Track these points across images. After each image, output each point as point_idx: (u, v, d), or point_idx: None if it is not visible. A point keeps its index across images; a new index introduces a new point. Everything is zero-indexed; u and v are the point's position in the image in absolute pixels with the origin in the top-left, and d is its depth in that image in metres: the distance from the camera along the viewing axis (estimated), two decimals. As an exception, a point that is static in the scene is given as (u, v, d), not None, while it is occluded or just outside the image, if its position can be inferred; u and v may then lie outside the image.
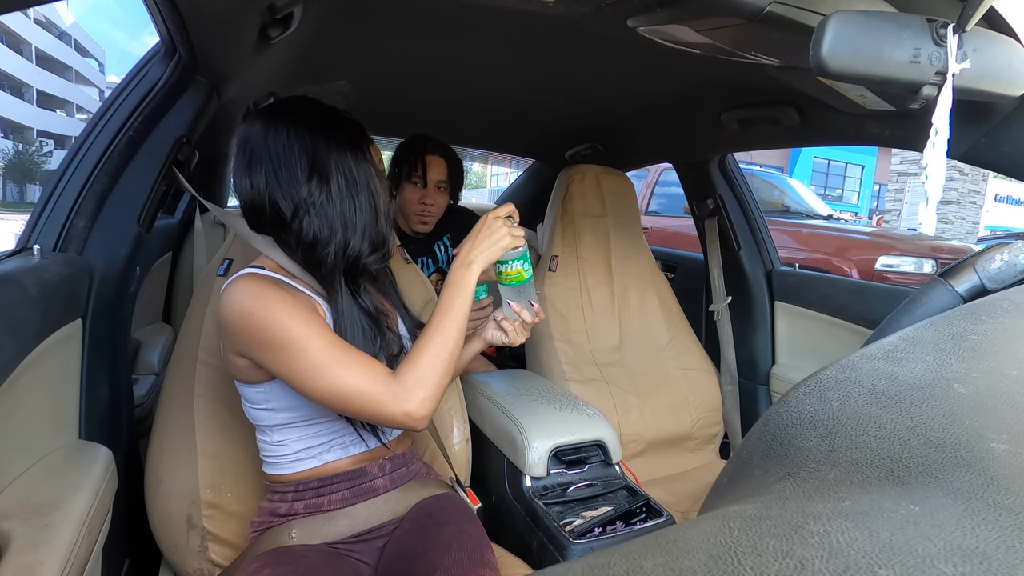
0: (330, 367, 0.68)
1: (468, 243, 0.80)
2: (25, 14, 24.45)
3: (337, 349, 0.69)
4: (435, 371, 0.72)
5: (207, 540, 0.86)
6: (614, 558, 0.19)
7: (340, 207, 0.74)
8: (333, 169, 0.74)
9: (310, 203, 0.73)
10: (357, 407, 0.69)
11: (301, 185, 0.73)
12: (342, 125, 0.77)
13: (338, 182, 0.74)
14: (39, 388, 0.69)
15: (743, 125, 1.31)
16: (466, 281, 0.77)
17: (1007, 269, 0.58)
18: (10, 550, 0.54)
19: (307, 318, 0.70)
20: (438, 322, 0.75)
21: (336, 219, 0.74)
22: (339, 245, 0.75)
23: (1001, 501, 0.19)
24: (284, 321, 0.69)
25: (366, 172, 0.77)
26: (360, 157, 0.77)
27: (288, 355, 0.69)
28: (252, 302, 0.70)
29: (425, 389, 0.70)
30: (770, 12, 0.67)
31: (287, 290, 0.73)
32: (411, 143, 1.49)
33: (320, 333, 0.70)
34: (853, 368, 0.32)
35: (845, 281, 1.50)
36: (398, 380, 0.70)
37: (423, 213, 1.49)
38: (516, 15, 0.88)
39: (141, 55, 0.93)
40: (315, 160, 0.73)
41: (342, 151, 0.75)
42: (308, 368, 0.68)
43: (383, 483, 0.82)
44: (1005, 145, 0.82)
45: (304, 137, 0.74)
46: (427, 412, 0.70)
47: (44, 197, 0.84)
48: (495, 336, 0.90)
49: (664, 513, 0.98)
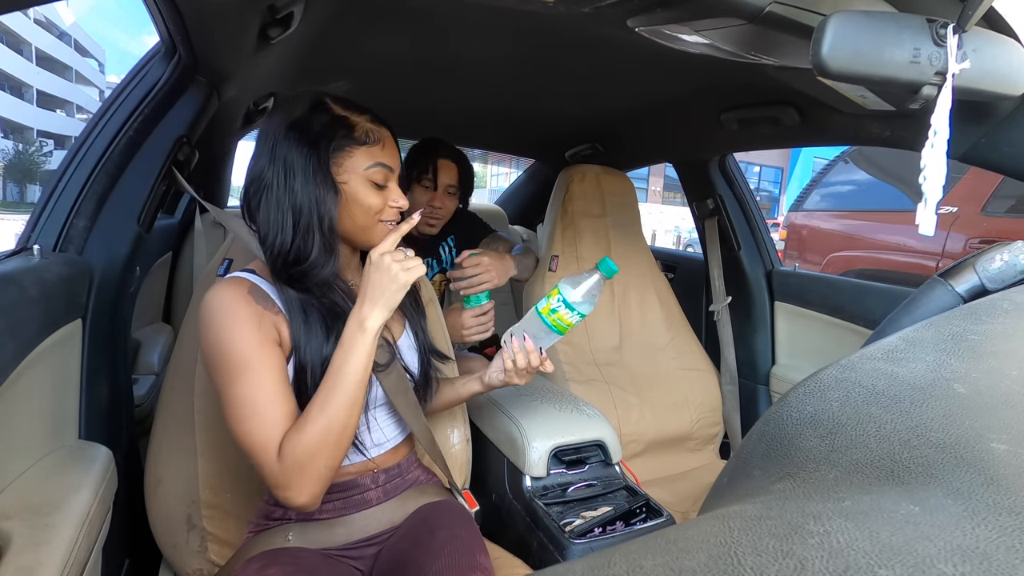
0: (245, 410, 0.65)
1: (361, 294, 0.70)
2: (25, 14, 24.45)
3: (264, 395, 0.65)
4: (318, 455, 0.64)
5: (207, 540, 0.86)
6: (614, 558, 0.19)
7: (289, 200, 0.71)
8: (281, 160, 0.71)
9: (262, 184, 0.71)
10: (256, 467, 0.66)
11: (262, 159, 0.72)
12: (313, 120, 0.73)
13: (283, 174, 0.71)
14: (39, 388, 0.69)
15: (743, 125, 1.31)
16: (359, 346, 0.67)
17: (1007, 269, 0.58)
18: (10, 550, 0.54)
19: (257, 347, 0.67)
20: (324, 395, 0.66)
21: (283, 211, 0.71)
22: (285, 246, 0.71)
23: (1001, 501, 0.19)
24: (233, 344, 0.66)
25: (309, 176, 0.71)
26: (309, 156, 0.71)
27: (223, 379, 0.66)
28: (216, 314, 0.68)
29: (305, 474, 0.64)
30: (770, 12, 0.67)
31: (254, 306, 0.69)
32: (424, 146, 1.51)
33: (259, 370, 0.66)
34: (853, 368, 0.32)
35: (845, 281, 1.50)
36: (281, 460, 0.64)
37: (431, 215, 1.50)
38: (516, 15, 0.88)
39: (141, 55, 0.93)
40: (275, 146, 0.71)
41: (288, 145, 0.71)
42: (230, 401, 0.66)
43: (376, 495, 0.81)
44: (1005, 145, 0.82)
45: (277, 121, 0.73)
46: (307, 499, 0.64)
47: (44, 197, 0.84)
48: (494, 378, 0.87)
49: (664, 513, 0.98)
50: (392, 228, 0.76)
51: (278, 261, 0.72)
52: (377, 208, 0.76)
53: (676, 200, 17.90)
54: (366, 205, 0.75)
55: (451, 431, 1.06)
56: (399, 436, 0.86)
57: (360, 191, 0.74)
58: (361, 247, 0.81)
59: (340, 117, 0.74)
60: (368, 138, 0.75)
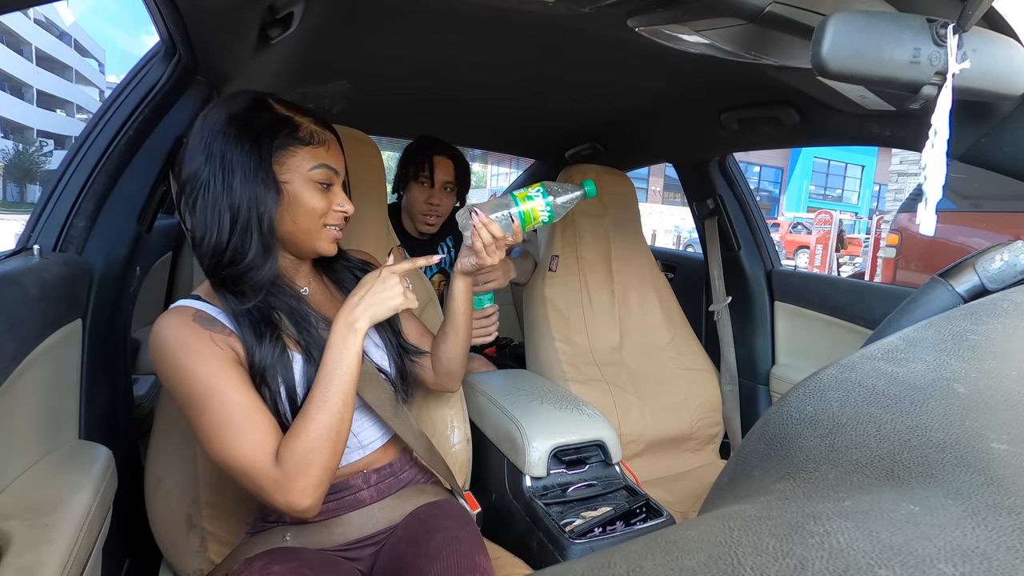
0: (222, 434, 0.63)
1: (355, 296, 0.72)
2: (25, 14, 24.45)
3: (237, 411, 0.64)
4: (318, 454, 0.64)
5: (207, 540, 0.86)
6: (614, 558, 0.19)
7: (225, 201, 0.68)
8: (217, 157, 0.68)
9: (197, 185, 0.68)
10: (246, 485, 0.65)
11: (196, 159, 0.69)
12: (253, 117, 0.70)
13: (221, 174, 0.68)
14: (39, 388, 0.69)
15: (743, 125, 1.31)
16: (349, 345, 0.69)
17: (1007, 269, 0.58)
18: (10, 550, 0.54)
19: (216, 371, 0.65)
20: (319, 395, 0.67)
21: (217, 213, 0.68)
22: (220, 247, 0.69)
23: (1001, 501, 0.19)
24: (190, 374, 0.64)
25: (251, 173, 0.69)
26: (251, 154, 0.69)
27: (191, 411, 0.65)
28: (166, 349, 0.66)
29: (307, 476, 0.63)
30: (770, 12, 0.67)
31: (201, 333, 0.67)
32: (419, 144, 1.51)
33: (225, 391, 0.64)
34: (853, 368, 0.32)
35: (845, 281, 1.50)
36: (279, 465, 0.64)
37: (429, 213, 1.50)
38: (516, 15, 0.88)
39: (141, 55, 0.93)
40: (210, 143, 0.68)
41: (230, 142, 0.68)
42: (205, 429, 0.64)
43: (369, 495, 0.81)
44: (1005, 145, 0.82)
45: (214, 116, 0.70)
46: (311, 502, 0.64)
47: (44, 197, 0.84)
48: (467, 263, 0.84)
49: (664, 513, 0.98)
50: (409, 259, 0.79)
51: (212, 262, 0.70)
52: (321, 211, 0.74)
53: (676, 200, 17.92)
54: (309, 207, 0.73)
55: (451, 431, 1.06)
56: (385, 435, 0.85)
57: (303, 192, 0.72)
58: (306, 254, 0.79)
59: (284, 116, 0.72)
60: (313, 139, 0.73)
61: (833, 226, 7.80)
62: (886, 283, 3.03)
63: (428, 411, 1.07)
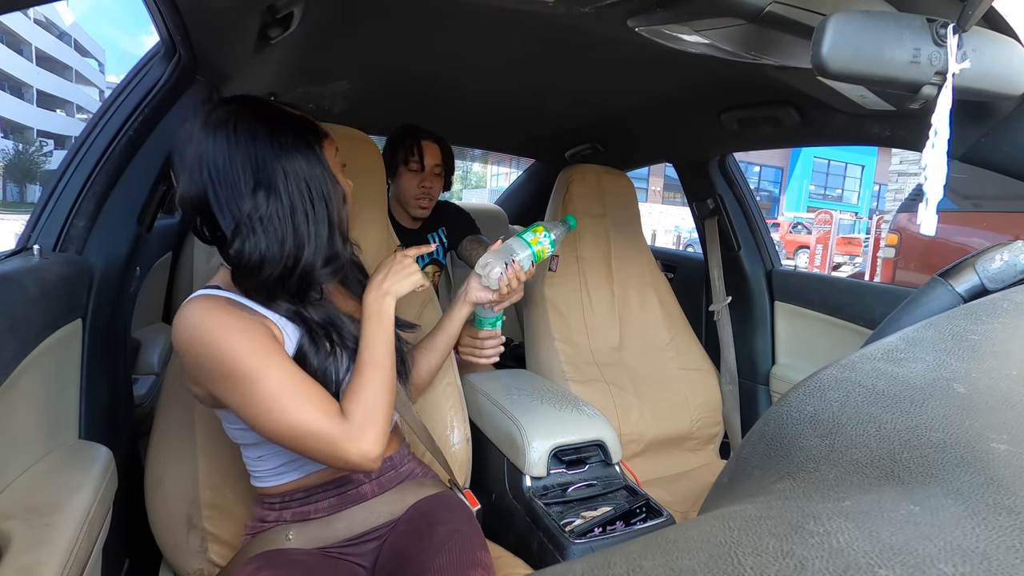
0: (283, 402, 0.64)
1: (381, 273, 0.79)
2: (25, 14, 24.45)
3: (293, 381, 0.65)
4: (381, 404, 0.70)
5: (207, 540, 0.86)
6: (614, 558, 0.19)
7: (292, 220, 0.68)
8: (281, 177, 0.67)
9: (256, 219, 0.66)
10: (311, 447, 0.65)
11: (244, 199, 0.66)
12: (287, 124, 0.69)
13: (289, 191, 0.67)
14: (39, 388, 0.69)
15: (743, 125, 1.31)
16: (385, 311, 0.76)
17: (1007, 269, 0.58)
18: (10, 550, 0.54)
19: (263, 346, 0.65)
20: (369, 355, 0.72)
21: (287, 234, 0.68)
22: (288, 262, 0.68)
23: (1001, 501, 0.19)
24: (238, 351, 0.64)
25: (319, 177, 0.70)
26: (312, 159, 0.69)
27: (241, 387, 0.64)
28: (204, 330, 0.65)
29: (375, 426, 0.68)
30: (770, 12, 0.67)
31: (241, 314, 0.67)
32: (404, 131, 1.53)
33: (277, 364, 0.65)
34: (853, 368, 0.32)
35: (845, 281, 1.50)
36: (348, 419, 0.67)
37: (423, 196, 1.51)
38: (516, 15, 0.88)
39: (141, 55, 0.93)
40: (260, 169, 0.66)
41: (291, 155, 0.67)
42: (260, 402, 0.64)
43: (370, 489, 0.81)
44: (1005, 145, 0.82)
45: (245, 143, 0.66)
46: (380, 450, 0.68)
47: (44, 197, 0.84)
48: (481, 296, 0.93)
49: (664, 513, 0.98)
50: (414, 246, 0.86)
51: (278, 278, 0.69)
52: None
53: (676, 200, 17.91)
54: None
55: (451, 431, 1.06)
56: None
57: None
58: None
59: (301, 116, 0.73)
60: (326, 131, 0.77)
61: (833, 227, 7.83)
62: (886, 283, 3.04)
63: (428, 411, 1.07)
